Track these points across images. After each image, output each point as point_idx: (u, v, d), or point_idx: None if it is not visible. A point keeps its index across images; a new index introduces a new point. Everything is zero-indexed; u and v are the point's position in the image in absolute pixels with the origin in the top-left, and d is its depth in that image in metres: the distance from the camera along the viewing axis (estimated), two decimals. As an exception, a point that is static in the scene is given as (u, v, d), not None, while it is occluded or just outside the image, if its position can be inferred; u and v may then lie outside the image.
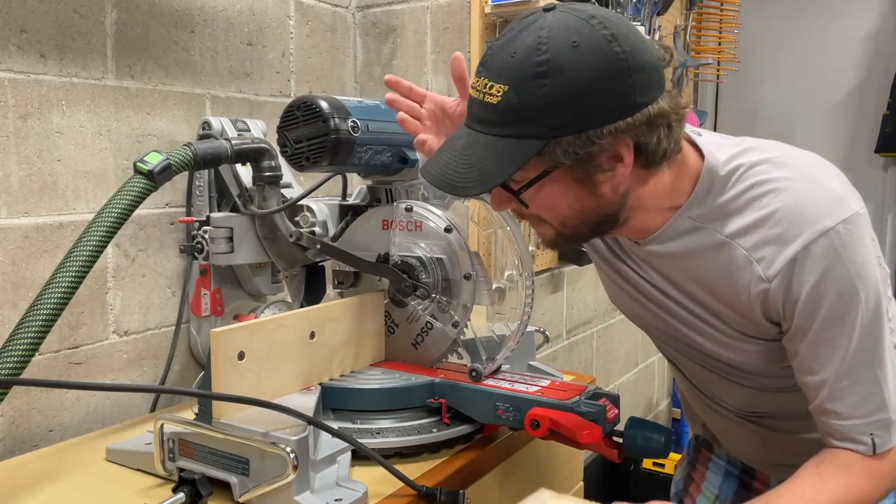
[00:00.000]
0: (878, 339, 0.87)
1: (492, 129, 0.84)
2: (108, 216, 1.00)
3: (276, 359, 1.05)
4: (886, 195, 3.05)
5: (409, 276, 1.17)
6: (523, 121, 0.81)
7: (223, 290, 1.46)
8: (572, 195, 0.87)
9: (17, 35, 1.20)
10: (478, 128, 0.85)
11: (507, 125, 0.82)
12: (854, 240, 0.86)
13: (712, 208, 0.92)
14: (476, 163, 0.84)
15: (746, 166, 0.91)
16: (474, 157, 0.84)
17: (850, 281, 0.85)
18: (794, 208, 0.87)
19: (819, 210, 0.86)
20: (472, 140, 0.86)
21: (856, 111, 3.07)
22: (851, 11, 3.05)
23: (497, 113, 0.82)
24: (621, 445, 1.03)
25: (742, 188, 0.90)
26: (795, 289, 0.87)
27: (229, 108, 1.57)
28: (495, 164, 0.83)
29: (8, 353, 0.90)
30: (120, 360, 1.38)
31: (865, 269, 0.86)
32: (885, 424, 0.88)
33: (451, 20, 1.80)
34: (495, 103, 0.82)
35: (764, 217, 0.88)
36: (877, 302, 0.87)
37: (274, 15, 1.68)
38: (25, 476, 1.05)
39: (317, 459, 0.94)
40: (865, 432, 0.88)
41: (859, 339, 0.87)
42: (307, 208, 1.28)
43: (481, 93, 0.84)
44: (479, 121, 0.85)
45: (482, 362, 1.14)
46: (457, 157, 0.86)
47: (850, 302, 0.86)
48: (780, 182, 0.88)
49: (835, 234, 0.85)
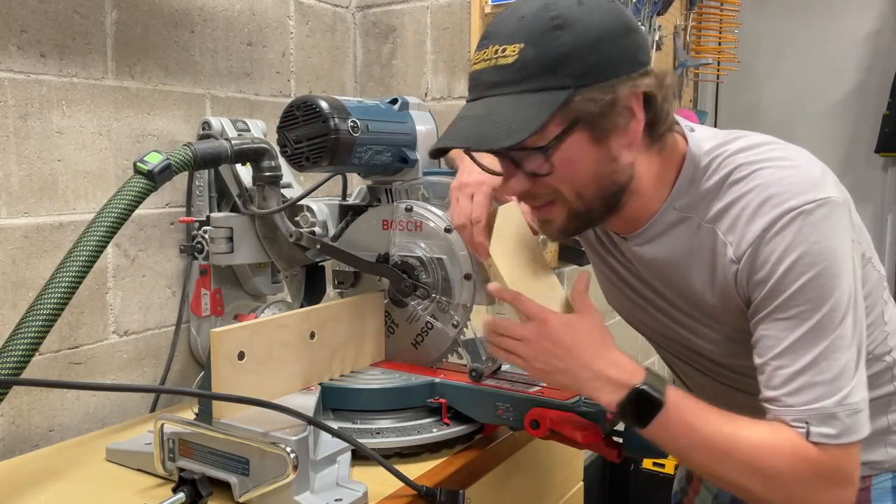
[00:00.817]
0: (833, 329, 0.83)
1: (511, 87, 0.83)
2: (108, 216, 1.00)
3: (276, 359, 1.05)
4: (886, 195, 3.04)
5: (409, 276, 1.17)
6: (545, 72, 0.82)
7: (223, 290, 1.46)
8: (591, 157, 0.87)
9: (17, 35, 1.20)
10: (493, 92, 0.84)
11: (527, 80, 0.83)
12: (824, 224, 0.83)
13: (696, 196, 0.92)
14: (501, 120, 0.83)
15: (728, 153, 0.91)
16: (498, 116, 0.83)
17: (814, 264, 0.83)
18: (766, 188, 0.86)
19: (791, 190, 0.85)
20: (491, 103, 0.84)
21: (856, 111, 3.07)
22: (851, 11, 3.05)
23: (515, 70, 0.82)
24: (621, 445, 1.03)
25: (722, 174, 0.90)
26: (759, 265, 0.85)
27: (229, 108, 1.57)
28: (523, 116, 0.82)
29: (8, 353, 0.90)
30: (120, 360, 1.38)
31: (834, 255, 0.83)
32: (825, 417, 0.83)
33: (451, 20, 1.80)
34: (512, 62, 0.82)
35: (737, 199, 0.88)
36: (840, 293, 0.84)
37: (274, 15, 1.68)
38: (25, 476, 1.05)
39: (317, 459, 0.94)
40: (801, 420, 0.84)
41: (813, 326, 0.84)
42: (307, 208, 1.28)
43: (491, 59, 0.84)
44: (494, 85, 0.84)
45: (482, 362, 1.14)
46: (477, 120, 0.84)
47: (810, 286, 0.83)
48: (757, 165, 0.89)
49: (803, 213, 0.83)
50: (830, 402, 0.83)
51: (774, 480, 0.84)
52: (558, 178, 0.87)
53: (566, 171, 0.87)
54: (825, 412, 0.83)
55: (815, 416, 0.83)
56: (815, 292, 0.83)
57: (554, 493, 1.36)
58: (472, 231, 1.02)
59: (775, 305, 0.86)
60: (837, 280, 0.84)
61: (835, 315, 0.84)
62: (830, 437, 0.83)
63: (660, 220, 0.94)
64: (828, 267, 0.83)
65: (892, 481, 1.01)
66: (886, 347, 0.98)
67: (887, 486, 1.01)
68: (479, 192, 1.03)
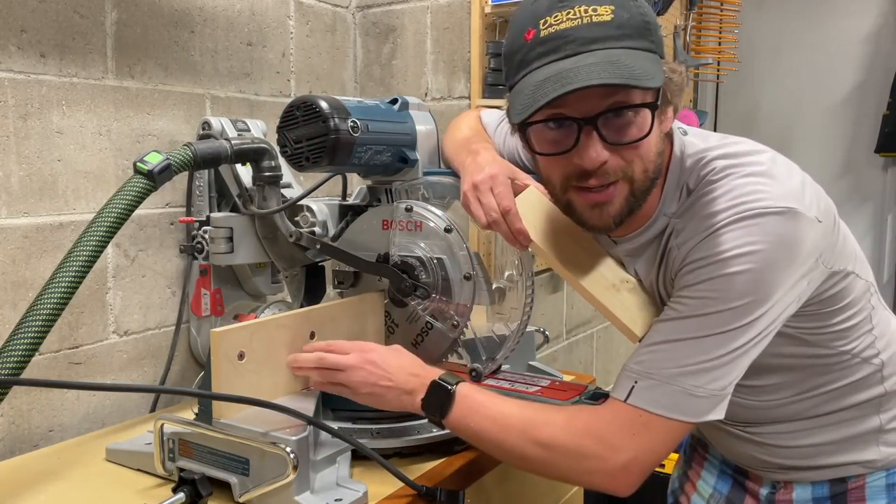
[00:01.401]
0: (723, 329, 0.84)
1: (616, 42, 0.82)
2: (108, 216, 1.00)
3: (276, 359, 1.05)
4: (886, 195, 3.05)
5: (409, 276, 1.17)
6: (639, 35, 0.83)
7: (223, 290, 1.46)
8: (657, 132, 0.88)
9: (17, 35, 1.20)
10: (597, 46, 0.82)
11: (628, 38, 0.82)
12: (778, 232, 0.83)
13: (683, 203, 0.93)
14: (633, 65, 0.81)
15: (708, 158, 0.92)
16: (627, 61, 0.81)
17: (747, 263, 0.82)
18: (732, 191, 0.86)
19: (757, 195, 0.85)
20: (606, 54, 0.82)
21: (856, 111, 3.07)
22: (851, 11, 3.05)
23: (616, 27, 0.82)
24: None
25: (700, 175, 0.91)
26: (696, 252, 0.86)
27: (229, 108, 1.57)
28: (647, 66, 0.82)
29: (8, 353, 0.90)
30: (120, 360, 1.38)
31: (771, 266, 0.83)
32: (655, 384, 0.86)
33: (451, 20, 1.80)
34: (610, 20, 0.82)
35: (699, 197, 0.89)
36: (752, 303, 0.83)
37: (274, 15, 1.68)
38: (25, 476, 1.05)
39: (317, 459, 0.94)
40: (631, 378, 0.87)
41: (698, 320, 0.85)
42: (307, 208, 1.28)
43: (582, 17, 0.82)
44: (595, 40, 0.82)
45: (482, 362, 1.14)
46: (608, 64, 0.81)
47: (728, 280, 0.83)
48: (732, 171, 0.89)
49: (760, 215, 0.83)
50: (669, 379, 0.85)
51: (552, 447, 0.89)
52: (645, 147, 0.87)
53: (649, 141, 0.87)
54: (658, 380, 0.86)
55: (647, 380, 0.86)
56: (731, 288, 0.83)
57: (554, 494, 1.36)
58: (506, 223, 0.98)
59: (688, 285, 0.86)
60: (760, 288, 0.83)
61: (735, 318, 0.84)
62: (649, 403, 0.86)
63: (653, 226, 0.95)
64: (757, 273, 0.83)
65: (886, 479, 1.01)
66: (874, 350, 0.99)
67: (881, 484, 1.02)
68: (497, 185, 1.00)
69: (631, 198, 0.89)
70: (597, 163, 0.86)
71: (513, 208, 0.97)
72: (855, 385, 0.99)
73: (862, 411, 1.00)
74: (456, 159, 1.15)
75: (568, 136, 0.87)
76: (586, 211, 0.91)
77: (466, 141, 1.16)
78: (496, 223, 0.98)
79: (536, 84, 0.83)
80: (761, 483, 1.11)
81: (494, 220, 0.98)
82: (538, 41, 0.84)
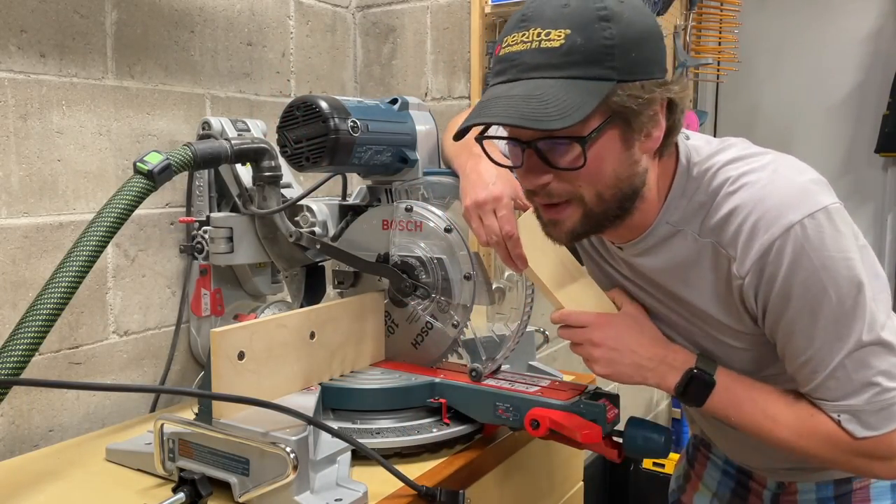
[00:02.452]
0: (849, 330, 0.86)
1: (556, 72, 0.82)
2: (108, 216, 1.00)
3: (276, 359, 1.05)
4: (886, 195, 3.04)
5: (409, 276, 1.17)
6: (590, 62, 0.82)
7: (223, 290, 1.46)
8: (616, 156, 0.87)
9: (17, 35, 1.20)
10: (536, 74, 0.83)
11: (573, 66, 0.82)
12: (821, 234, 0.85)
13: (688, 211, 0.93)
14: (552, 101, 0.81)
15: (718, 165, 0.92)
16: (547, 96, 0.81)
17: (816, 275, 0.85)
18: (762, 203, 0.87)
19: (785, 204, 0.86)
20: (535, 85, 0.82)
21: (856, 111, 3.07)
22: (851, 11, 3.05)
23: (561, 55, 0.81)
24: (621, 445, 1.03)
25: (714, 186, 0.91)
26: (766, 283, 0.87)
27: (229, 108, 1.57)
28: (573, 100, 0.81)
29: (8, 353, 0.90)
30: (120, 360, 1.38)
31: (835, 263, 0.85)
32: (854, 413, 0.88)
33: (451, 20, 1.80)
34: (558, 46, 0.81)
35: (732, 212, 0.89)
36: (851, 295, 0.86)
37: (274, 15, 1.68)
38: (25, 476, 1.05)
39: (317, 459, 0.94)
40: (834, 412, 0.89)
41: (827, 330, 0.86)
42: (307, 208, 1.28)
43: (533, 41, 0.82)
44: (537, 67, 0.82)
45: (482, 362, 1.14)
46: (523, 100, 0.82)
47: (818, 296, 0.85)
48: (749, 177, 0.89)
49: (800, 228, 0.84)
50: (860, 400, 0.87)
51: (816, 458, 0.93)
52: (586, 174, 0.86)
53: (596, 166, 0.86)
54: (854, 410, 0.88)
55: (847, 412, 0.88)
56: (822, 301, 0.86)
57: (554, 493, 1.36)
58: (506, 247, 1.01)
59: (789, 317, 0.88)
60: (839, 282, 0.85)
61: (847, 314, 0.86)
62: (860, 431, 0.88)
63: (653, 233, 0.95)
64: (828, 272, 0.85)
65: (891, 480, 1.02)
66: None
67: (886, 484, 1.02)
68: (500, 207, 1.01)
69: (585, 219, 0.90)
70: (534, 186, 0.89)
71: (514, 233, 1.00)
72: None
73: None
74: (456, 160, 1.15)
75: (517, 154, 0.90)
76: (545, 224, 0.94)
77: (467, 142, 1.16)
78: (497, 245, 1.02)
79: (479, 104, 0.86)
80: (765, 483, 1.11)
81: (496, 243, 1.02)
82: (496, 59, 0.87)
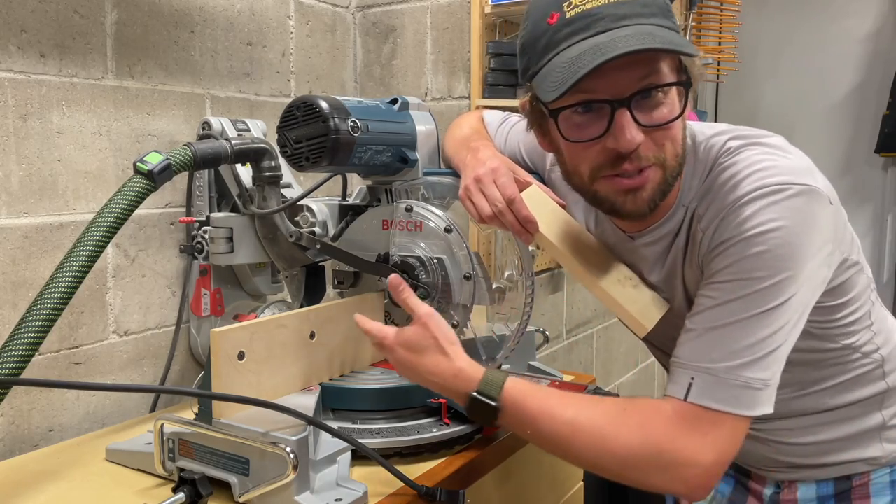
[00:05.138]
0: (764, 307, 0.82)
1: (644, 19, 0.81)
2: (108, 216, 1.00)
3: (276, 359, 1.05)
4: (886, 195, 3.05)
5: (409, 276, 1.17)
6: (664, 14, 0.83)
7: (223, 290, 1.46)
8: (684, 119, 0.88)
9: (17, 35, 1.20)
10: (627, 22, 0.81)
11: (654, 17, 0.82)
12: (800, 209, 0.82)
13: (698, 190, 0.93)
14: (664, 35, 0.80)
15: (722, 141, 0.92)
16: (658, 32, 0.80)
17: (775, 240, 0.81)
18: (750, 166, 0.86)
19: (774, 169, 0.85)
20: (637, 29, 0.80)
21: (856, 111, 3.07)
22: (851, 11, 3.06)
23: (642, 6, 0.82)
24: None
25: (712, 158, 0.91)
26: (721, 231, 0.85)
27: (229, 108, 1.57)
28: (678, 38, 0.81)
29: (8, 353, 0.90)
30: (120, 360, 1.38)
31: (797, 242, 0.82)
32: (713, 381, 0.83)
33: (451, 20, 1.80)
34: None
35: (718, 174, 0.89)
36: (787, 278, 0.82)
37: (274, 15, 1.68)
38: (25, 476, 1.05)
39: (317, 459, 0.94)
40: (687, 374, 0.84)
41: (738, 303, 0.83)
42: (307, 208, 1.28)
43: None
44: (626, 17, 0.81)
45: (482, 362, 1.14)
46: (639, 36, 0.79)
47: (761, 258, 0.82)
48: (747, 148, 0.89)
49: (781, 192, 0.82)
50: (726, 372, 0.83)
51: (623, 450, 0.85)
52: (674, 131, 0.86)
53: (680, 125, 0.86)
54: (714, 375, 0.83)
55: (704, 376, 0.83)
56: (762, 266, 0.82)
57: (554, 493, 1.36)
58: (511, 212, 0.96)
59: (720, 269, 0.85)
60: (790, 264, 0.82)
61: (772, 296, 0.82)
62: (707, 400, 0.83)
63: (672, 216, 0.94)
64: (786, 248, 0.82)
65: (890, 476, 1.02)
66: (874, 346, 0.99)
67: (885, 480, 1.02)
68: (499, 176, 0.98)
69: (663, 183, 0.88)
70: (633, 145, 0.84)
71: (517, 197, 0.96)
72: (857, 380, 0.99)
73: (864, 408, 1.01)
74: (456, 158, 1.15)
75: (599, 120, 0.85)
76: (619, 197, 0.89)
77: (466, 139, 1.16)
78: (501, 213, 0.96)
79: (569, 60, 0.81)
80: (765, 483, 1.11)
81: (500, 211, 0.96)
82: (564, 22, 0.83)
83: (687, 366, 0.86)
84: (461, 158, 1.11)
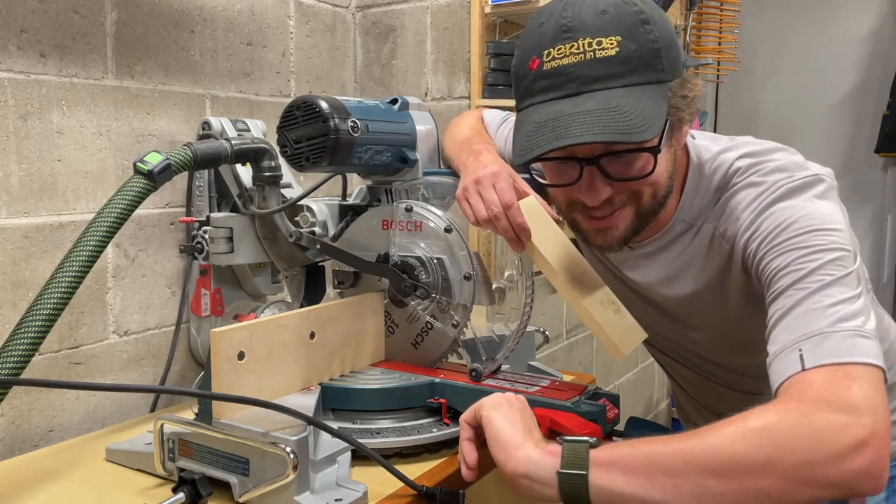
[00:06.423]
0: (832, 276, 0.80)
1: (618, 81, 0.81)
2: (108, 216, 1.00)
3: (276, 359, 1.05)
4: (886, 195, 3.05)
5: (409, 276, 1.17)
6: (646, 67, 0.81)
7: (223, 290, 1.46)
8: (668, 154, 0.88)
9: (17, 35, 1.20)
10: (599, 86, 0.81)
11: (632, 74, 0.81)
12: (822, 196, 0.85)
13: (701, 205, 0.93)
14: (631, 111, 0.79)
15: (731, 159, 0.93)
16: (624, 107, 0.80)
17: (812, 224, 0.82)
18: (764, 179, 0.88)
19: (786, 171, 0.87)
20: (606, 97, 0.80)
21: (856, 111, 3.07)
22: (851, 11, 3.06)
23: (619, 63, 0.80)
24: (621, 445, 1.03)
25: (724, 178, 0.92)
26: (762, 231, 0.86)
27: (229, 108, 1.57)
28: (648, 108, 0.80)
29: (8, 353, 0.90)
30: (120, 360, 1.38)
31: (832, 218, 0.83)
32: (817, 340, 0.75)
33: (451, 20, 1.80)
34: (614, 55, 0.80)
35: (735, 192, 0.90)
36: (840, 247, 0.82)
37: (274, 15, 1.68)
38: (25, 476, 1.05)
39: (317, 459, 0.94)
40: (794, 350, 0.76)
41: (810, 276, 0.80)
42: (307, 208, 1.28)
43: (585, 52, 0.81)
44: (598, 79, 0.81)
45: (482, 362, 1.14)
46: (602, 114, 0.79)
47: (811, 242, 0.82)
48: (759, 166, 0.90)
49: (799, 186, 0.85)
50: (823, 323, 0.76)
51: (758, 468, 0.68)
52: (653, 177, 0.86)
53: (658, 170, 0.86)
54: (815, 336, 0.76)
55: (808, 339, 0.75)
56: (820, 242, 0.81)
57: (554, 493, 1.35)
58: (506, 218, 0.95)
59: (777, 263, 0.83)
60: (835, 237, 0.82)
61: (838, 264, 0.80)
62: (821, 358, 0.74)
63: (670, 230, 0.95)
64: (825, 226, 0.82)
65: (894, 470, 1.01)
66: None
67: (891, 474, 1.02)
68: (499, 181, 0.97)
69: (636, 220, 0.90)
70: (598, 201, 0.87)
71: (515, 203, 0.96)
72: None
73: None
74: (457, 159, 1.15)
75: (571, 170, 0.87)
76: (591, 233, 0.92)
77: (468, 141, 1.16)
78: (496, 218, 0.96)
79: (535, 126, 0.83)
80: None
81: (496, 215, 0.96)
82: (541, 74, 0.84)
83: (788, 346, 0.77)
84: (462, 160, 1.11)
